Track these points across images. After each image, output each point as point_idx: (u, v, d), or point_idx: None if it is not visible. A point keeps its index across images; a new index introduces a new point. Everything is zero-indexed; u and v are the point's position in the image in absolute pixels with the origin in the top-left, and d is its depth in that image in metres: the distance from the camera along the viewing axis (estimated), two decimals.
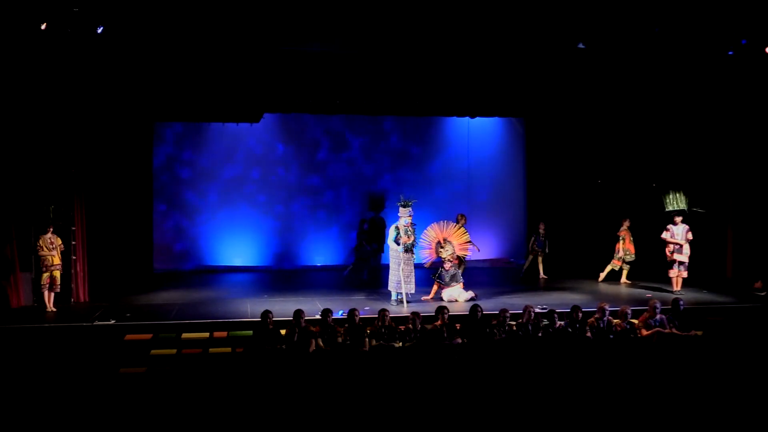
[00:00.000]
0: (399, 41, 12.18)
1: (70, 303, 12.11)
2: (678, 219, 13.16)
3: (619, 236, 14.38)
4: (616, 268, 14.36)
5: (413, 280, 12.14)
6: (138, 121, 14.10)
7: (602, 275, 14.44)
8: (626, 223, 14.40)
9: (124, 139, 13.97)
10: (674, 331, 10.04)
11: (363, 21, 11.63)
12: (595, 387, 8.61)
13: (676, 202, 13.46)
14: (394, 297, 12.12)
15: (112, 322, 10.57)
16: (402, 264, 12.03)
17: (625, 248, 14.25)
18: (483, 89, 13.89)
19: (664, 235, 13.14)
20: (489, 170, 16.94)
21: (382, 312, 9.94)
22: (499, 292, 13.06)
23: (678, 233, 13.09)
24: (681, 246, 13.06)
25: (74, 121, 12.22)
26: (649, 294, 12.68)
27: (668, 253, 13.13)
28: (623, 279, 14.28)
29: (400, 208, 12.38)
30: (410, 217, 12.27)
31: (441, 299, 12.26)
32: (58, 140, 12.09)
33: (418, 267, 12.74)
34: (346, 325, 9.79)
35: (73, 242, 12.25)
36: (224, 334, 10.36)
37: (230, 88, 12.93)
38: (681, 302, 10.47)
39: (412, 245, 12.20)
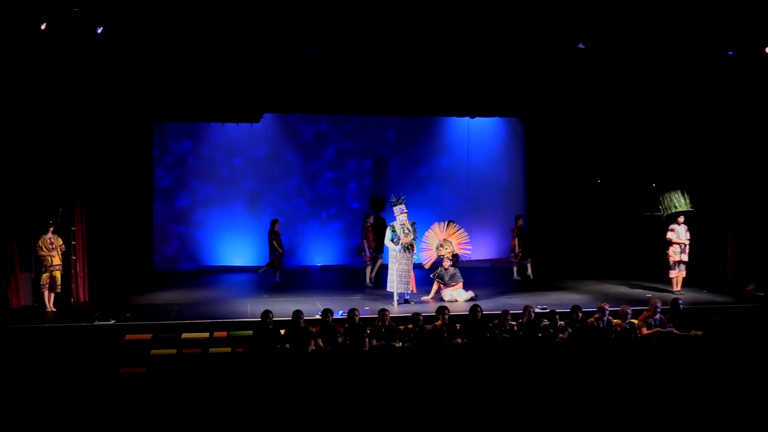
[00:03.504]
0: (399, 41, 12.19)
1: (70, 303, 12.10)
2: (681, 219, 13.15)
3: (513, 233, 14.82)
4: (528, 263, 14.72)
5: (411, 280, 12.11)
6: (138, 121, 14.11)
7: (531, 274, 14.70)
8: (519, 222, 14.85)
9: (123, 139, 13.99)
10: (674, 330, 10.04)
11: (363, 21, 11.63)
12: (596, 386, 8.61)
13: (679, 203, 13.45)
14: (397, 297, 12.06)
15: (112, 322, 10.57)
16: (398, 263, 12.02)
17: (521, 245, 14.74)
18: (483, 89, 13.89)
19: (670, 235, 13.10)
20: (489, 170, 16.92)
21: (382, 312, 9.94)
22: (499, 292, 13.06)
23: (681, 233, 13.08)
24: (685, 245, 13.05)
25: (74, 121, 12.21)
26: (648, 294, 12.68)
27: (672, 254, 13.08)
28: (529, 272, 14.67)
29: (394, 209, 12.40)
30: (405, 215, 12.26)
31: (441, 299, 12.26)
32: (58, 140, 12.08)
33: (417, 267, 12.73)
34: (346, 325, 9.79)
35: (73, 242, 12.25)
36: (224, 334, 10.35)
37: (230, 88, 12.93)
38: (681, 302, 10.47)
39: (411, 244, 12.17)
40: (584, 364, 9.27)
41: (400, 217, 12.26)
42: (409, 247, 12.12)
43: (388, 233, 12.28)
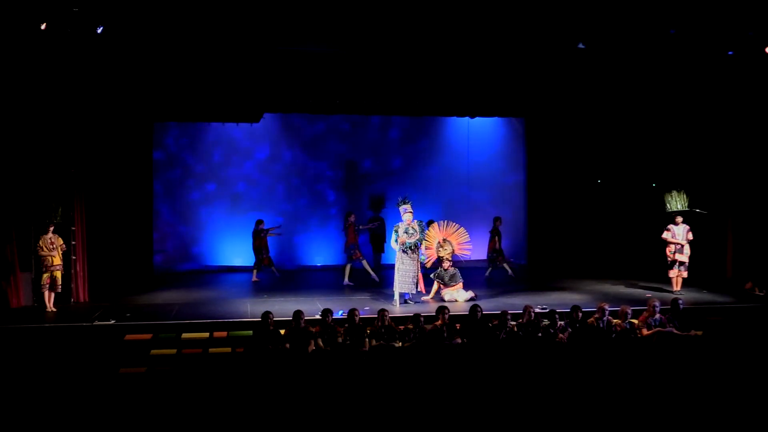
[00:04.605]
0: (399, 41, 12.18)
1: (70, 303, 12.11)
2: (679, 219, 13.16)
3: (491, 234, 14.98)
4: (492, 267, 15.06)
5: (415, 280, 12.09)
6: (138, 121, 14.12)
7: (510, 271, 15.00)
8: (497, 223, 15.03)
9: (123, 139, 14.00)
10: (674, 330, 10.04)
11: (363, 21, 11.63)
12: (596, 386, 8.61)
13: (677, 202, 13.46)
14: (396, 297, 12.04)
15: (112, 322, 10.57)
16: (402, 263, 12.01)
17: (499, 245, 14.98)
18: (483, 89, 13.89)
19: (665, 235, 13.12)
20: (489, 170, 16.94)
21: (382, 312, 9.94)
22: (499, 292, 13.06)
23: (679, 233, 13.08)
24: (682, 246, 13.06)
25: (74, 121, 12.22)
26: (648, 294, 12.67)
27: (669, 254, 13.12)
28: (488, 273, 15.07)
29: (399, 209, 12.39)
30: (410, 214, 12.25)
31: (441, 299, 12.26)
32: (58, 140, 12.09)
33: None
34: (346, 325, 9.80)
35: (73, 242, 12.25)
36: (224, 334, 10.36)
37: (230, 88, 12.94)
38: (681, 302, 10.47)
39: (416, 244, 12.15)
40: (584, 364, 9.27)
41: (405, 216, 12.24)
42: (412, 248, 12.09)
43: (393, 234, 12.28)
